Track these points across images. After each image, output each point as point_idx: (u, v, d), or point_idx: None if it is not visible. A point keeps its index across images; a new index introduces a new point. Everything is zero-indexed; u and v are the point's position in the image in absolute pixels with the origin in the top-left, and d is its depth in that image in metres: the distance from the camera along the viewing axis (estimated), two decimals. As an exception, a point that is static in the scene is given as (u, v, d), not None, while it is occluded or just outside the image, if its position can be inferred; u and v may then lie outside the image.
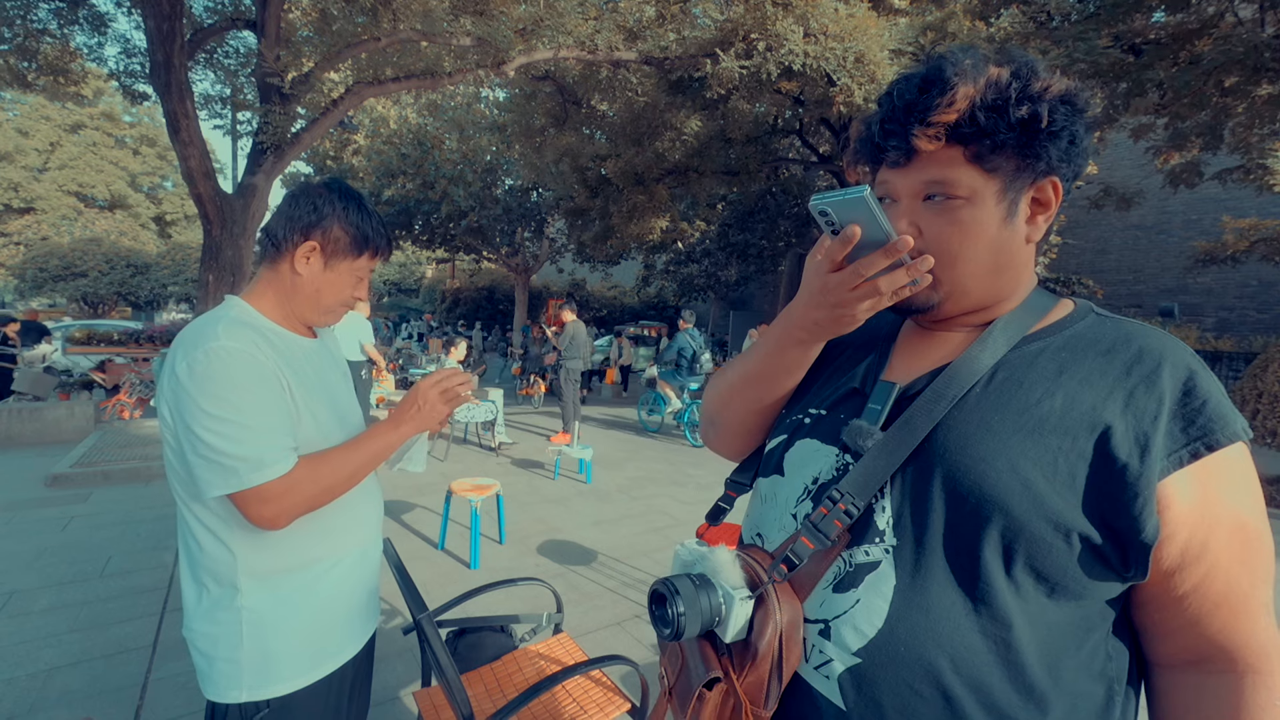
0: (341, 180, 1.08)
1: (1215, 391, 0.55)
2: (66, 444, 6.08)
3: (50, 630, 2.60)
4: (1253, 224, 10.86)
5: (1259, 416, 5.35)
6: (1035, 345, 0.61)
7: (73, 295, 22.86)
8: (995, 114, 0.56)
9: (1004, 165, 0.58)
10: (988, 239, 0.60)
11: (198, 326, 0.94)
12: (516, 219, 17.71)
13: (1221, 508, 0.54)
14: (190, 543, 0.97)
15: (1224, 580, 0.53)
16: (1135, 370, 0.56)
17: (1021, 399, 0.57)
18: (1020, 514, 0.54)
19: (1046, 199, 0.61)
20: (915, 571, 0.57)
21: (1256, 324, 14.79)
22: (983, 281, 0.62)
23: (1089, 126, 0.60)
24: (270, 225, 1.03)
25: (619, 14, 6.48)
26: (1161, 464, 0.53)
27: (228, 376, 0.89)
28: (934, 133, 0.58)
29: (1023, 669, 0.54)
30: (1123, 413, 0.54)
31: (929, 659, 0.55)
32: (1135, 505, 0.52)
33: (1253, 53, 5.61)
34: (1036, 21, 7.49)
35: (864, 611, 0.59)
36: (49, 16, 6.70)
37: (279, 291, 1.04)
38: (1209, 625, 0.54)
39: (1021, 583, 0.55)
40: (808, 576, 0.64)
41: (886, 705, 0.57)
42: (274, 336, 1.00)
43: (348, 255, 1.04)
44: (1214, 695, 0.54)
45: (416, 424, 1.06)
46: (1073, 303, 0.66)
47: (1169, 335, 0.59)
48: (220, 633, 0.95)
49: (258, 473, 0.89)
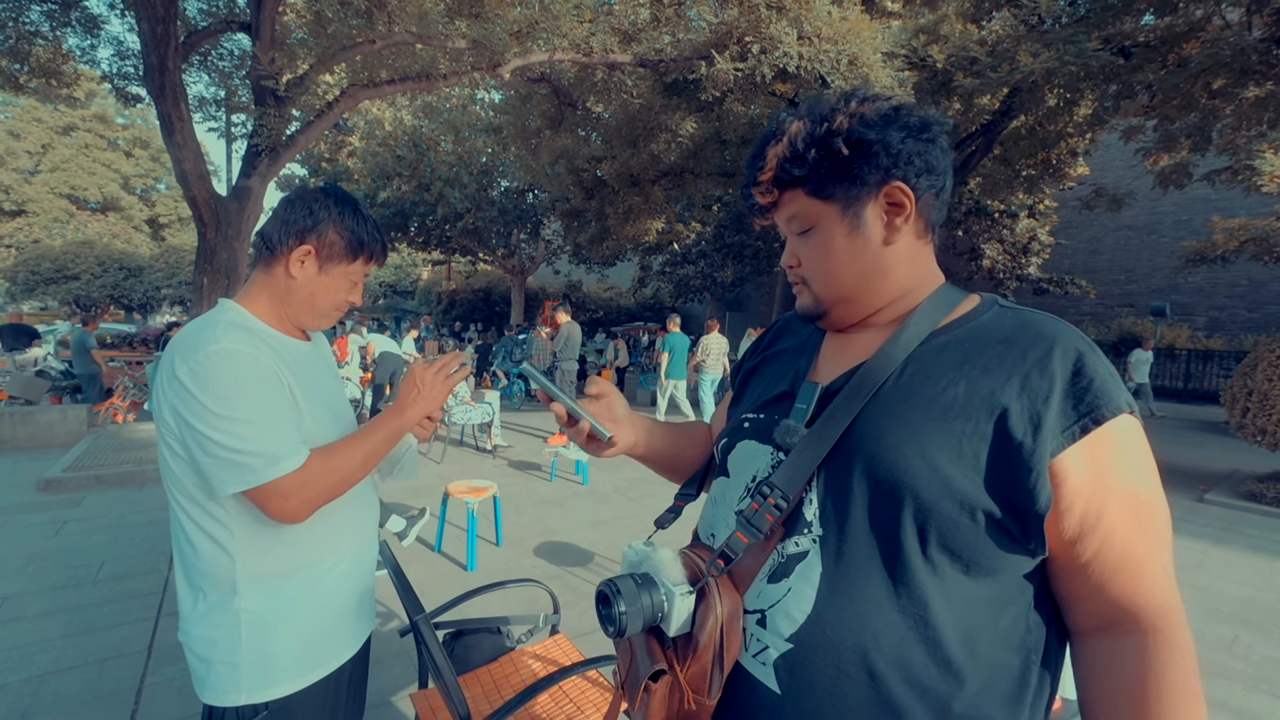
0: (337, 185, 1.08)
1: (1102, 370, 0.58)
2: (59, 448, 6.04)
3: (43, 635, 2.59)
4: (1242, 224, 10.96)
5: (1249, 414, 5.39)
6: (942, 339, 0.65)
7: (65, 298, 22.71)
8: (797, 163, 0.67)
9: (835, 191, 0.67)
10: (842, 253, 0.68)
11: (194, 330, 0.94)
12: (512, 221, 17.70)
13: (1113, 478, 0.57)
14: (186, 547, 0.97)
15: (1120, 546, 0.57)
16: (1030, 355, 0.59)
17: (929, 389, 0.62)
18: (929, 496, 0.58)
19: (898, 201, 0.66)
20: (839, 558, 0.61)
21: (1247, 323, 14.92)
22: (856, 288, 0.69)
23: (912, 127, 0.66)
24: (265, 229, 1.03)
25: (614, 16, 6.50)
26: (1055, 441, 0.56)
27: (231, 377, 0.89)
28: (761, 189, 0.71)
29: (940, 644, 0.57)
30: (1019, 395, 0.58)
31: (853, 640, 0.59)
32: (1030, 479, 0.56)
33: (1240, 55, 5.67)
34: (1027, 24, 7.55)
35: (795, 599, 0.62)
36: (41, 18, 6.66)
37: (273, 295, 1.04)
38: (1111, 589, 0.58)
39: (938, 562, 0.59)
40: (746, 570, 0.68)
41: (817, 686, 0.60)
42: (270, 339, 1.01)
43: (342, 259, 1.04)
44: (1122, 656, 0.57)
45: (420, 407, 1.06)
46: (979, 297, 0.71)
47: (1062, 322, 0.63)
48: (218, 636, 0.95)
49: (273, 467, 0.89)
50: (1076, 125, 9.34)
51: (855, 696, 0.58)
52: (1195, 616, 3.13)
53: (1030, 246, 14.27)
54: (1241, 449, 7.61)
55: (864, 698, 0.58)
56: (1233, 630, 2.99)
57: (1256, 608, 3.26)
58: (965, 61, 7.29)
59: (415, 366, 1.09)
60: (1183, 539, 4.37)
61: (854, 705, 0.59)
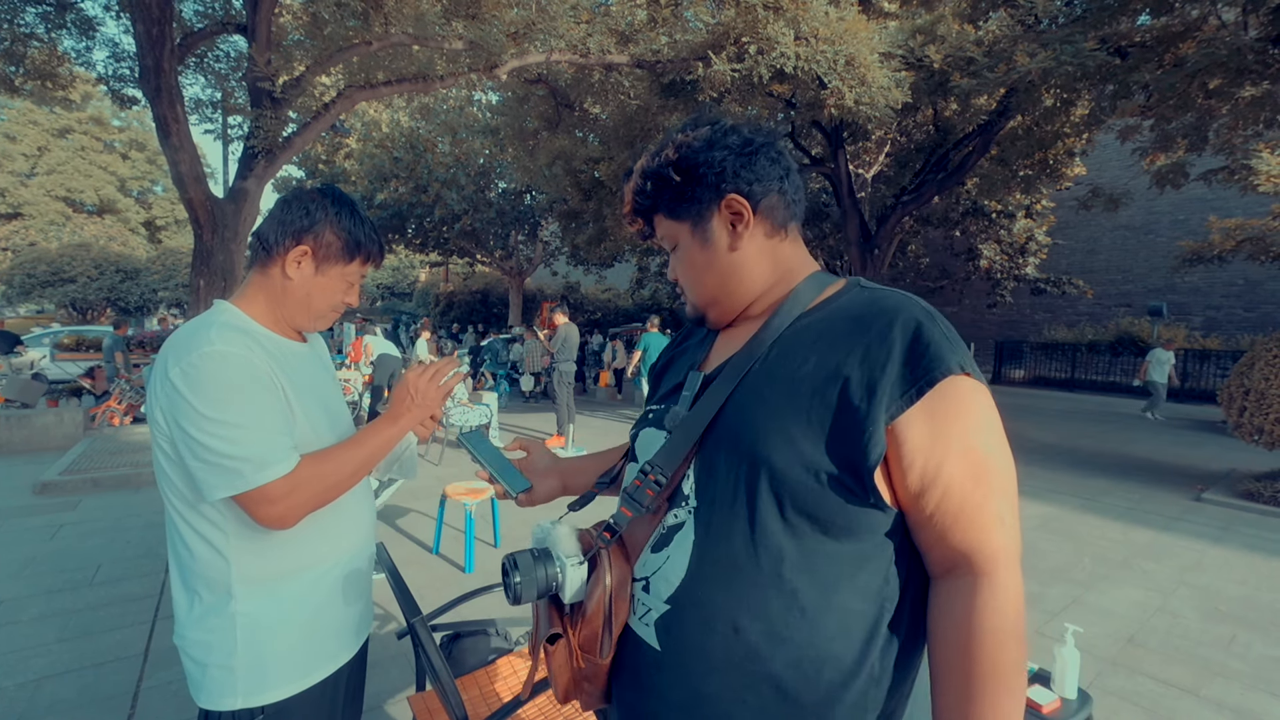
0: (335, 186, 1.07)
1: (938, 337, 0.63)
2: (56, 451, 6.02)
3: (39, 639, 2.58)
4: (1238, 224, 10.99)
5: (1246, 414, 5.40)
6: (805, 321, 0.72)
7: (61, 301, 22.64)
8: (642, 195, 0.80)
9: (682, 212, 0.77)
10: (699, 263, 0.78)
11: (188, 331, 0.93)
12: (510, 222, 17.70)
13: (950, 436, 0.62)
14: (181, 550, 0.96)
15: (958, 498, 0.62)
16: (873, 328, 0.65)
17: (787, 368, 0.68)
18: (782, 465, 0.64)
19: (736, 210, 0.75)
20: (709, 526, 0.69)
21: (1243, 322, 14.96)
22: (717, 291, 0.79)
23: (732, 146, 0.75)
24: (262, 229, 1.02)
25: (610, 17, 6.50)
26: (895, 405, 0.62)
27: (224, 380, 0.89)
28: (628, 219, 0.85)
29: (796, 595, 0.64)
30: (859, 365, 0.63)
31: (719, 599, 0.66)
32: (863, 439, 0.61)
33: (1236, 55, 5.69)
34: (1024, 24, 7.57)
35: (672, 566, 0.70)
36: (36, 20, 6.65)
37: (270, 296, 1.03)
38: (952, 538, 0.63)
39: (796, 524, 0.65)
40: (637, 541, 0.77)
41: (689, 642, 0.68)
42: (265, 340, 1.00)
43: (339, 260, 1.04)
44: (955, 596, 0.62)
45: (414, 414, 1.06)
46: (844, 280, 0.77)
47: (909, 297, 0.68)
48: (214, 640, 0.94)
49: (261, 473, 0.88)
50: (1073, 125, 9.37)
51: (721, 648, 0.66)
52: (1193, 616, 3.14)
53: (1027, 246, 14.30)
54: (1239, 448, 7.63)
55: (729, 649, 0.65)
56: (1231, 629, 2.99)
57: (1254, 607, 3.26)
58: (962, 62, 7.31)
59: (409, 374, 1.08)
60: (1180, 538, 4.38)
61: (720, 656, 0.66)
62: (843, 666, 0.64)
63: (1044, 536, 4.32)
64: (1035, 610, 3.14)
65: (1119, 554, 4.01)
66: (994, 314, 18.44)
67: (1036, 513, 4.92)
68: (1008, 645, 0.59)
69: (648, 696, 0.72)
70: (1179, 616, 3.12)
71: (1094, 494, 5.56)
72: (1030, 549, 4.04)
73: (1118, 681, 2.50)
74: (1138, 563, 3.87)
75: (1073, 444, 8.19)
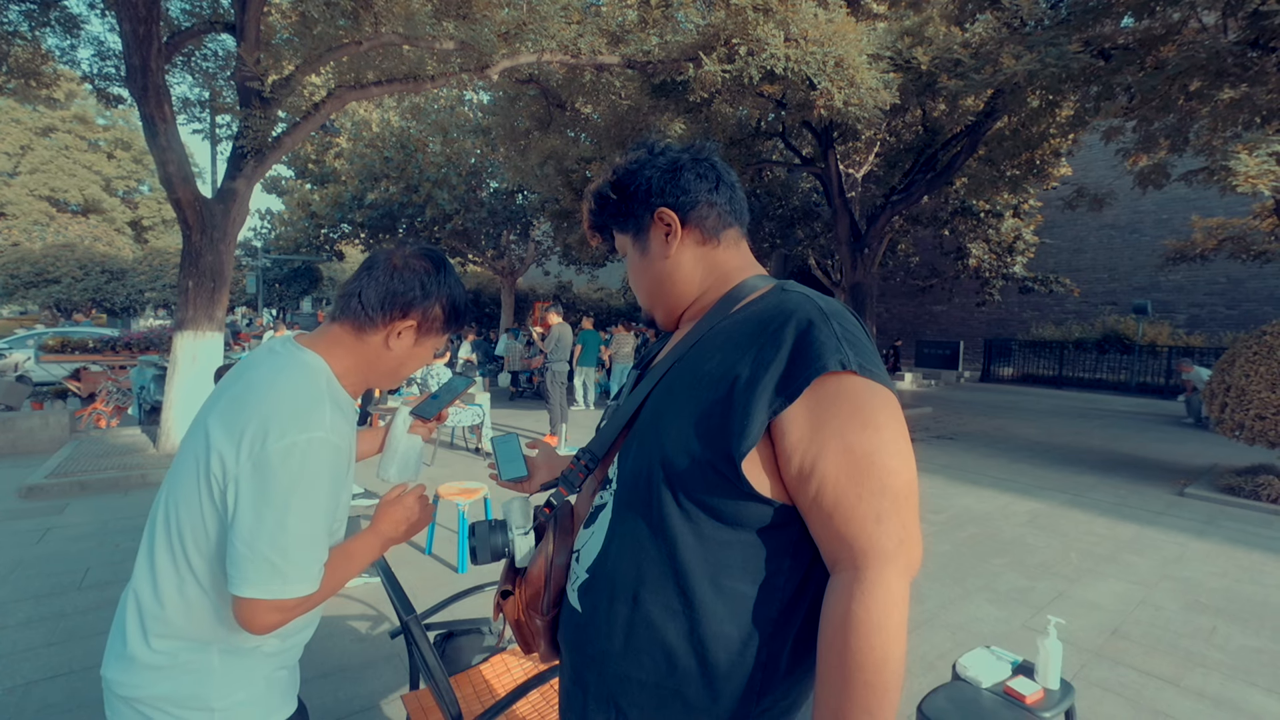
0: (439, 251, 1.03)
1: (826, 336, 0.65)
2: (41, 454, 5.95)
3: (27, 644, 2.56)
4: (1220, 223, 11.18)
5: (1227, 409, 5.50)
6: (725, 323, 0.76)
7: (45, 302, 22.30)
8: (593, 213, 0.90)
9: (624, 225, 0.87)
10: (640, 270, 0.88)
11: (298, 397, 0.86)
12: (502, 222, 17.62)
13: (828, 432, 0.64)
14: (147, 596, 0.87)
15: (833, 494, 0.63)
16: (769, 328, 0.69)
17: (698, 366, 0.74)
18: (676, 455, 0.70)
19: (667, 221, 0.82)
20: (621, 508, 0.76)
21: (1226, 320, 15.20)
22: (655, 295, 0.87)
23: (660, 166, 0.83)
24: (365, 293, 0.95)
25: (601, 18, 6.51)
26: (776, 400, 0.65)
27: (320, 473, 0.85)
28: (589, 234, 0.94)
29: (686, 576, 0.69)
30: (750, 363, 0.67)
31: (623, 572, 0.74)
32: (737, 432, 0.65)
33: (1215, 58, 5.80)
34: (1010, 27, 7.66)
35: (594, 540, 0.79)
36: (20, 18, 6.56)
37: (360, 360, 0.98)
38: (829, 531, 0.65)
39: (691, 511, 0.70)
40: (577, 518, 0.89)
41: (599, 608, 0.76)
42: (347, 410, 0.96)
43: (440, 333, 1.02)
44: (834, 590, 0.64)
45: (405, 534, 1.04)
46: (773, 283, 0.80)
47: (812, 298, 0.71)
48: (184, 692, 0.88)
49: (299, 585, 0.83)
50: (1059, 126, 9.48)
51: (623, 615, 0.73)
52: (1175, 608, 3.20)
53: (1015, 246, 14.44)
54: (1221, 443, 7.77)
55: (630, 616, 0.72)
56: (1211, 621, 3.06)
57: (1235, 599, 3.33)
58: (949, 63, 7.38)
59: (406, 498, 1.04)
60: (1164, 532, 4.46)
61: (622, 621, 0.73)
62: (731, 647, 0.68)
63: (1032, 532, 4.38)
64: (1023, 604, 3.19)
65: (1105, 548, 4.08)
66: (983, 312, 18.63)
67: (1024, 508, 4.99)
68: (873, 640, 0.59)
69: (573, 651, 0.81)
70: (1162, 609, 3.19)
71: (1081, 489, 5.65)
72: (1018, 544, 4.10)
73: (1102, 672, 2.55)
74: (1123, 556, 3.94)
75: (1060, 440, 8.30)
